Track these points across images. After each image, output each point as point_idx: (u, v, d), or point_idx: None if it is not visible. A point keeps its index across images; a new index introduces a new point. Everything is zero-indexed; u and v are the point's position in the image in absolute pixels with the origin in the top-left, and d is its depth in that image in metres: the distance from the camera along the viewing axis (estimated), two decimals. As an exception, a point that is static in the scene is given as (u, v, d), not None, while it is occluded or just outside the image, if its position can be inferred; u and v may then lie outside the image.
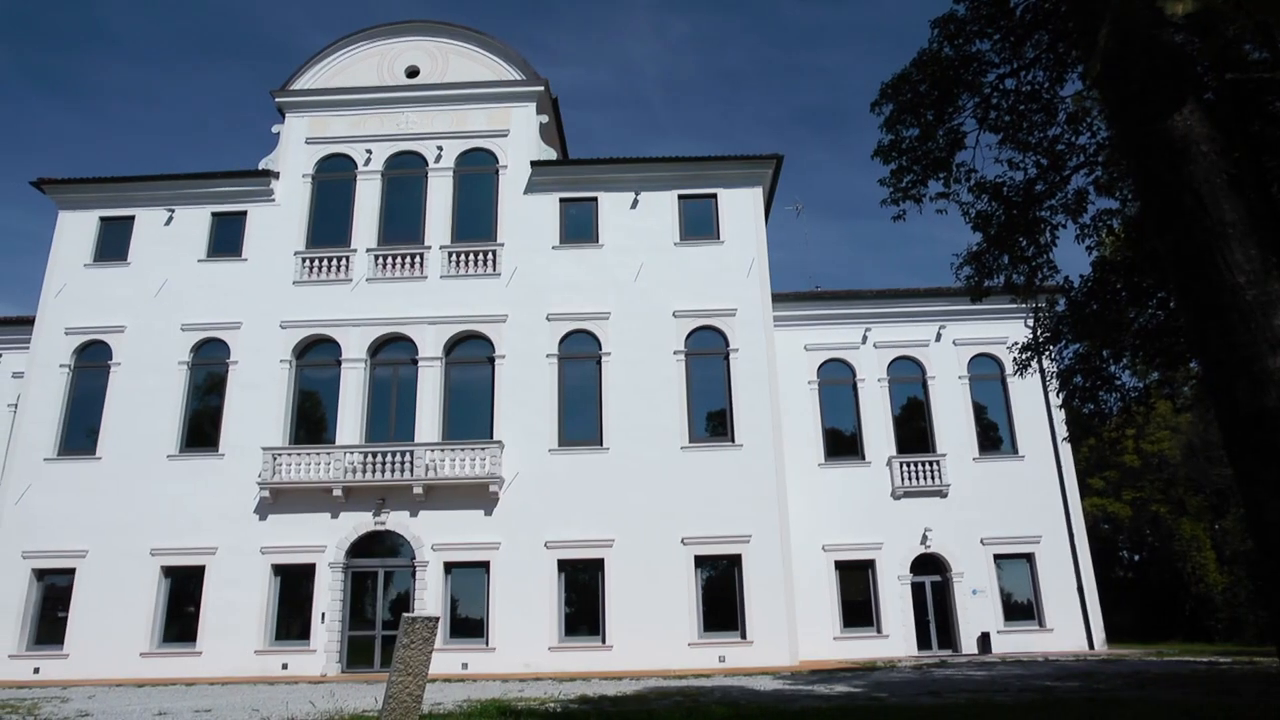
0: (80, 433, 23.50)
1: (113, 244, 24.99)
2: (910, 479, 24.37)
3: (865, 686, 15.38)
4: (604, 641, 21.07)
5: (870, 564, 23.87)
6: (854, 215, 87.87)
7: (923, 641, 23.39)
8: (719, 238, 24.15)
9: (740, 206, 24.46)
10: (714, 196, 24.63)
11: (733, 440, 22.48)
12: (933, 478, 24.39)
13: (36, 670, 21.36)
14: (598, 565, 21.71)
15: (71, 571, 22.27)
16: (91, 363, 24.03)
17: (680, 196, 24.63)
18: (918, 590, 23.80)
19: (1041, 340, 15.84)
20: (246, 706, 14.12)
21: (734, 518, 21.71)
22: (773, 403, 22.75)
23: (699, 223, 24.45)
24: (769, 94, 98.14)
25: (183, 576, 22.26)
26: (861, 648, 22.94)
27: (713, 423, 23.06)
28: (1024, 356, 15.99)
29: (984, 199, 13.28)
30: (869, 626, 23.54)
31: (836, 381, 25.56)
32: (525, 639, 21.02)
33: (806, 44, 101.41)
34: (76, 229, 25.09)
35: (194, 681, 19.63)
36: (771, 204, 26.40)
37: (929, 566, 23.97)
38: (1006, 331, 24.69)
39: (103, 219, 25.19)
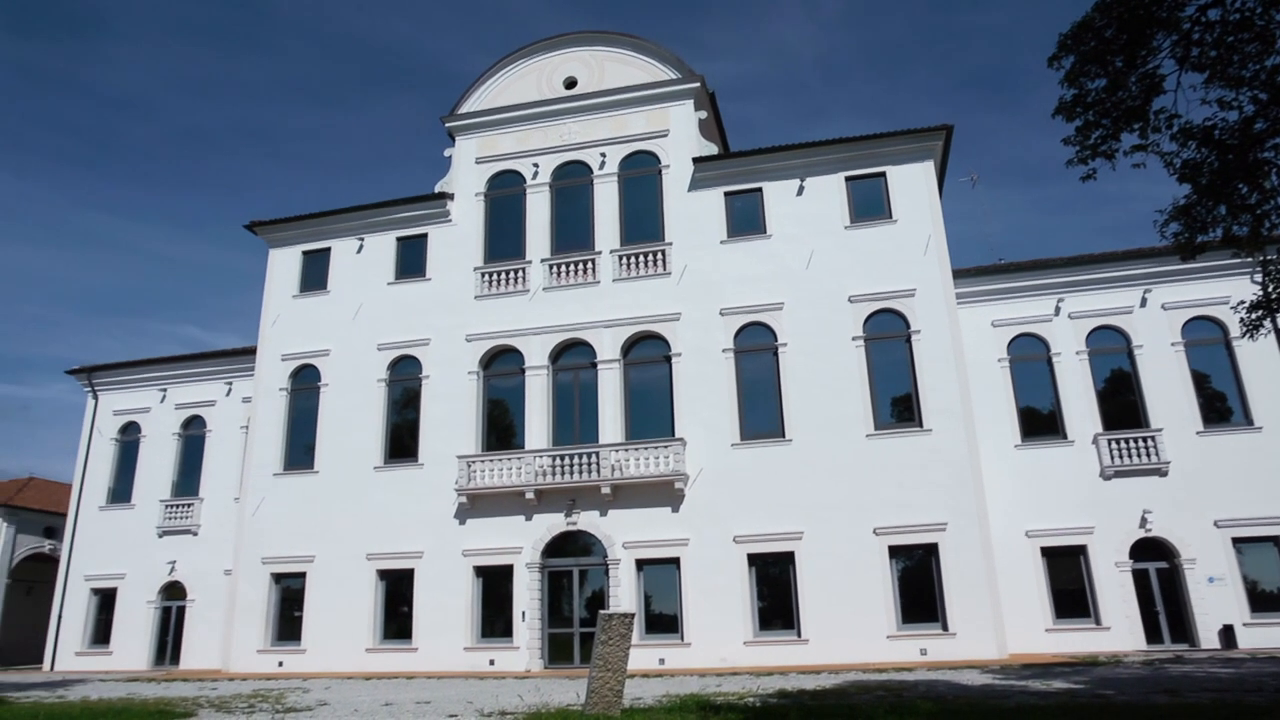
0: (300, 449, 25.70)
1: (314, 275, 27.17)
2: (1121, 457, 22.49)
3: (1087, 683, 14.29)
4: (799, 635, 20.78)
5: (1081, 550, 22.20)
6: (1036, 180, 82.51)
7: (1152, 634, 21.45)
8: (891, 217, 23.27)
9: (911, 183, 23.46)
10: (883, 175, 23.76)
11: (920, 425, 21.59)
12: (1148, 455, 22.40)
13: (280, 664, 23.55)
14: (788, 558, 21.43)
15: (302, 575, 24.42)
16: (304, 385, 26.22)
17: (847, 178, 23.93)
18: (1140, 578, 21.90)
19: (1275, 296, 14.14)
20: (461, 699, 14.91)
21: (927, 505, 20.86)
22: (960, 384, 21.68)
23: (869, 203, 23.66)
24: (932, 62, 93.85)
25: (395, 579, 23.86)
26: (1078, 640, 21.38)
27: (898, 408, 22.23)
28: (1254, 316, 14.26)
29: (1191, 146, 11.95)
30: (1084, 617, 21.88)
31: (1029, 358, 23.98)
32: (719, 634, 21.06)
33: (968, 5, 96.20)
34: (284, 264, 27.46)
35: (412, 675, 20.97)
36: (944, 177, 25.18)
37: (1151, 552, 22.01)
38: (1228, 290, 22.33)
39: (304, 253, 27.44)
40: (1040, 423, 23.54)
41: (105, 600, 28.80)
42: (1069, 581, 22.19)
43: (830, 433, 21.89)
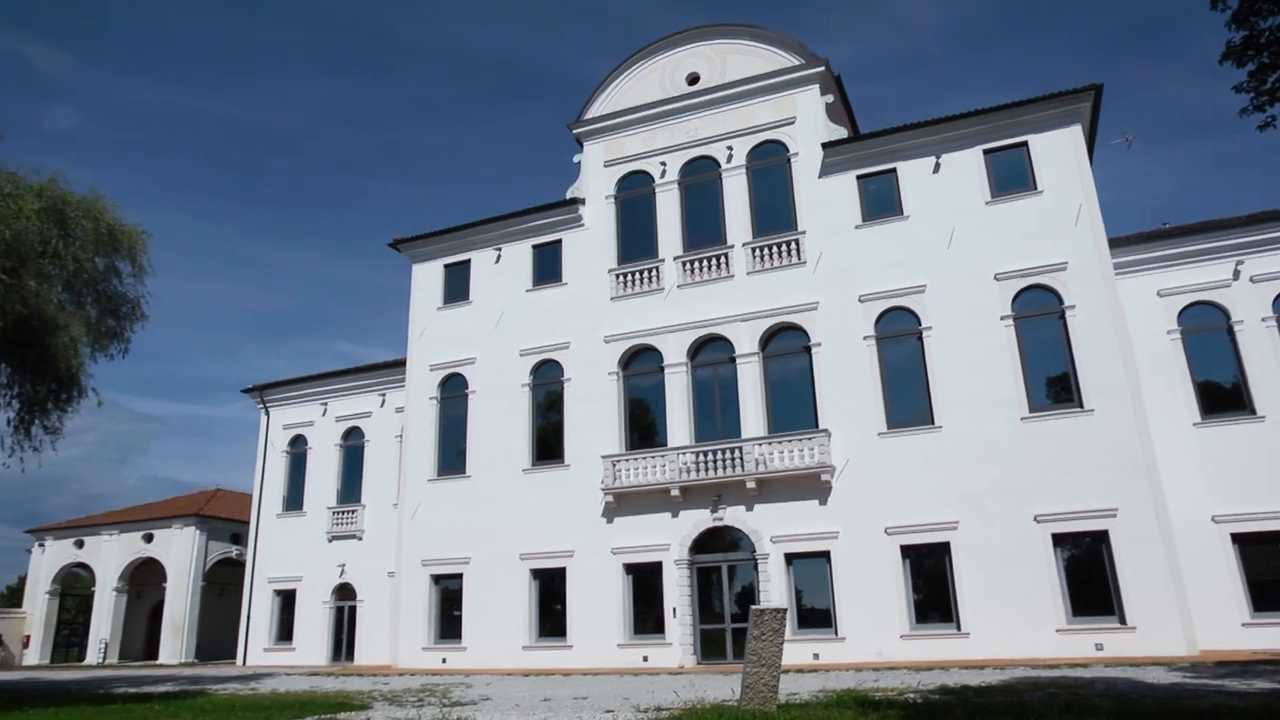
0: (452, 455, 26.83)
1: (456, 286, 28.30)
2: (1325, 432, 20.28)
3: (1300, 684, 12.95)
4: (959, 628, 19.96)
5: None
6: (1202, 134, 76.46)
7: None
8: (1036, 188, 22.03)
9: (1057, 150, 22.13)
10: (1024, 145, 22.53)
11: (1080, 405, 20.31)
12: (1351, 428, 20.16)
13: (444, 660, 24.65)
14: (943, 549, 20.65)
15: (459, 576, 25.47)
16: (453, 393, 27.34)
17: (986, 151, 22.84)
18: (1350, 563, 19.72)
19: None
20: (617, 695, 15.07)
21: (1093, 490, 19.60)
22: (1124, 360, 20.25)
23: (1011, 176, 22.49)
24: (1073, 18, 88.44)
25: (548, 577, 24.50)
26: (1280, 635, 19.47)
27: (1054, 389, 21.00)
28: None
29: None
30: (1290, 611, 19.86)
31: (1204, 328, 22.04)
32: (874, 628, 20.52)
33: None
34: (427, 278, 28.74)
35: (568, 672, 21.44)
36: (1094, 141, 23.63)
37: (1362, 534, 19.78)
38: None
39: (446, 266, 28.63)
40: (1222, 398, 21.60)
41: (286, 600, 30.98)
42: (1268, 571, 20.19)
43: (982, 417, 20.94)
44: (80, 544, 40.15)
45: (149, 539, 38.48)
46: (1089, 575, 19.55)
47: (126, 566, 38.84)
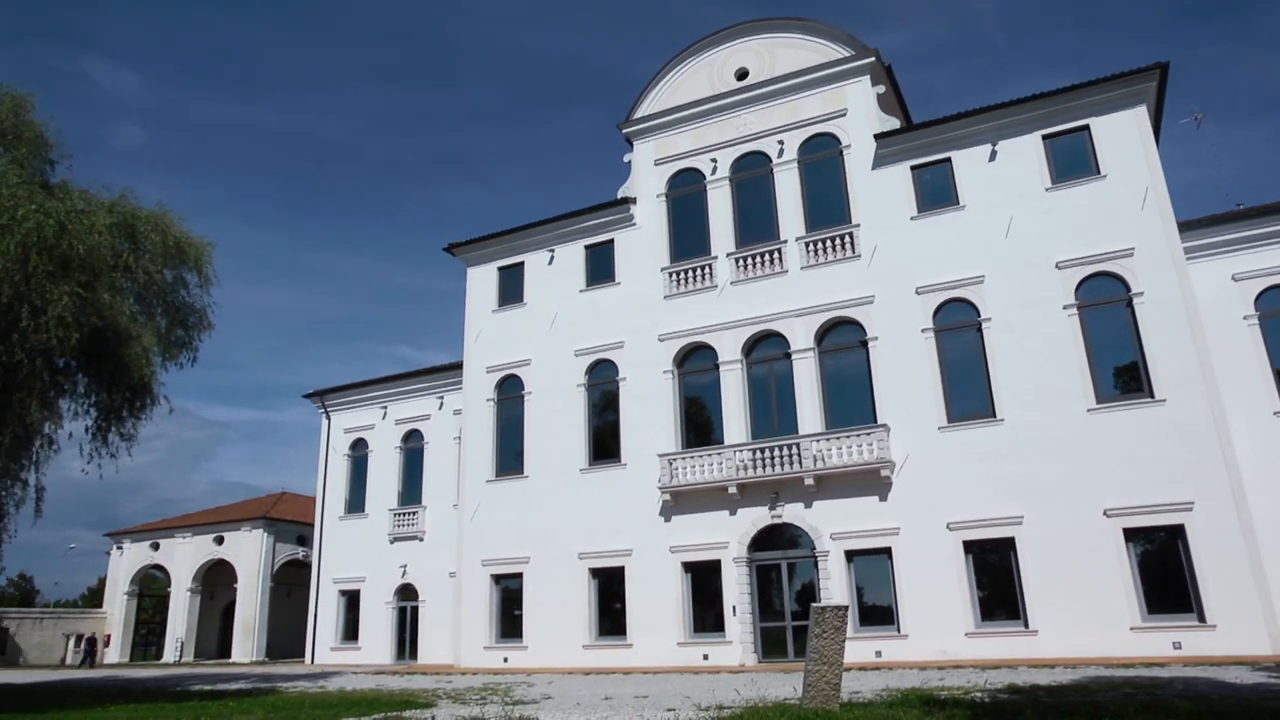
0: (509, 456, 27.10)
1: (510, 289, 28.58)
2: None
3: (1398, 685, 12.33)
4: (1026, 626, 19.49)
5: (1369, 529, 19.26)
6: (1275, 110, 73.32)
7: None
8: (1099, 172, 21.40)
9: (1121, 132, 21.45)
10: (1085, 129, 21.90)
11: (1151, 396, 19.67)
12: None
13: (505, 659, 24.91)
14: (1007, 544, 20.19)
15: (519, 575, 25.72)
16: (509, 394, 27.62)
17: (1044, 137, 22.28)
18: None
19: None
20: (678, 693, 15.01)
21: (1166, 483, 18.97)
22: (1198, 347, 19.54)
23: (1072, 161, 21.87)
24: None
25: (607, 576, 24.59)
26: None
27: (1122, 379, 20.37)
28: None
29: None
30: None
31: (1283, 312, 21.19)
32: (938, 625, 20.16)
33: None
34: (481, 281, 29.08)
35: (629, 671, 21.46)
36: (1160, 121, 22.86)
37: None
38: None
39: (500, 269, 28.93)
40: (1303, 384, 20.72)
41: (351, 601, 31.65)
42: (1359, 566, 19.30)
43: (1046, 409, 20.42)
44: (156, 546, 41.62)
45: (219, 541, 39.70)
46: (1164, 571, 18.93)
47: (199, 568, 40.12)
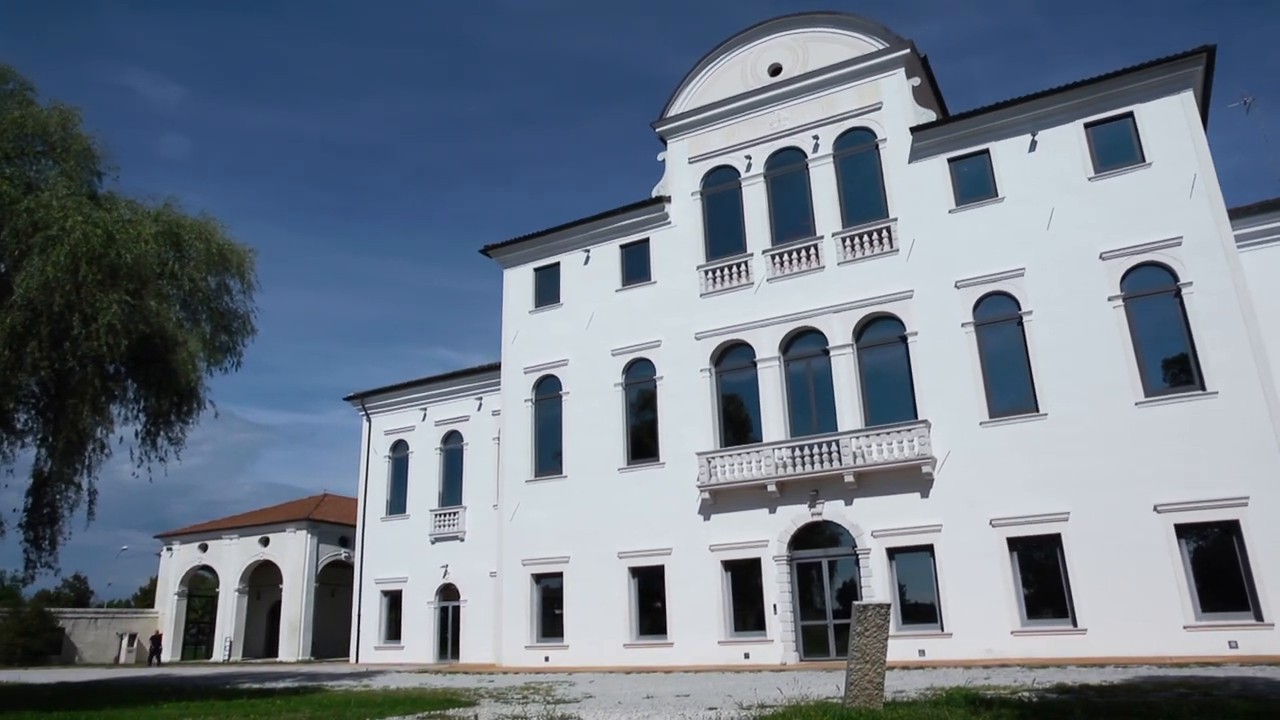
0: (548, 456, 27.23)
1: (546, 290, 28.70)
2: None
3: None
4: (1074, 624, 19.13)
5: None
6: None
7: None
8: (1144, 160, 20.92)
9: (1166, 119, 20.95)
10: (1129, 116, 21.42)
11: (1202, 388, 19.18)
12: None
13: (546, 659, 25.03)
14: (1053, 541, 19.83)
15: (559, 575, 25.83)
16: (547, 395, 27.75)
17: (1086, 125, 21.83)
18: None
19: None
20: (719, 692, 14.94)
21: (1219, 478, 18.49)
22: (1251, 338, 19.02)
23: (1115, 149, 21.40)
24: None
25: (647, 575, 24.59)
26: None
27: (1171, 371, 19.89)
28: None
29: None
30: None
31: (1340, 300, 20.53)
32: (983, 623, 19.86)
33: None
34: (518, 282, 29.25)
35: (670, 670, 21.43)
36: (1207, 106, 22.27)
37: None
38: None
39: (536, 270, 29.07)
40: (1362, 376, 20.08)
41: (393, 601, 32.02)
42: None
43: (1091, 403, 20.02)
44: (204, 548, 42.51)
45: (265, 543, 40.44)
46: (1219, 568, 18.47)
47: (246, 569, 40.91)
